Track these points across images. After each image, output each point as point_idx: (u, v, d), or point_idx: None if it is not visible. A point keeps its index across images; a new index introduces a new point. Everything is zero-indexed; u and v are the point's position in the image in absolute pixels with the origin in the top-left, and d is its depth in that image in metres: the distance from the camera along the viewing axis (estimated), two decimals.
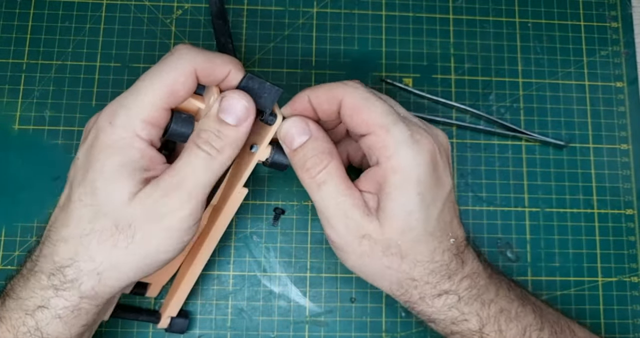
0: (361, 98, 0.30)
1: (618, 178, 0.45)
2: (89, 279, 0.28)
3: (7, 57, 0.44)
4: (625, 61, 0.47)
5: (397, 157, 0.29)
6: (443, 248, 0.30)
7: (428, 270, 0.30)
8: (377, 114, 0.29)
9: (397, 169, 0.29)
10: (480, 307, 0.31)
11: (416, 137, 0.29)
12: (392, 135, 0.29)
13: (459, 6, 0.47)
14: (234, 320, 0.41)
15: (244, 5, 0.46)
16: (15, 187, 0.42)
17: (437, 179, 0.30)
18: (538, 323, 0.32)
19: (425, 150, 0.29)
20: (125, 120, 0.29)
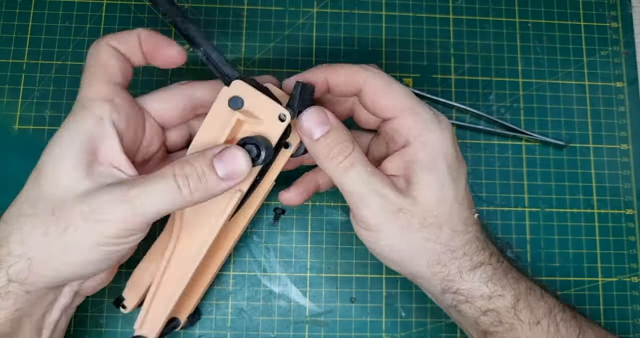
0: (383, 84, 0.31)
1: (618, 178, 0.45)
2: (18, 262, 0.27)
3: (7, 57, 0.44)
4: (625, 61, 0.47)
5: (427, 134, 0.30)
6: (472, 221, 0.32)
7: (464, 240, 0.31)
8: (400, 98, 0.31)
9: (427, 145, 0.30)
10: (514, 281, 0.31)
11: (439, 117, 0.31)
12: (420, 116, 0.31)
13: (459, 6, 0.47)
14: (234, 320, 0.41)
15: (244, 5, 0.46)
16: (15, 187, 0.42)
17: (458, 156, 0.32)
18: (560, 305, 0.32)
19: (448, 128, 0.31)
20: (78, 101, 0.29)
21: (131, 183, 0.27)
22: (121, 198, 0.27)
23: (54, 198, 0.27)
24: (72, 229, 0.27)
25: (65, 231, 0.27)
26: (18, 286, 0.27)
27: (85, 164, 0.28)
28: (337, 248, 0.42)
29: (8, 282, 0.27)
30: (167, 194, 0.27)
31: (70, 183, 0.27)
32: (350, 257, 0.42)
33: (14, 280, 0.27)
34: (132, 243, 0.29)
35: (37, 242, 0.27)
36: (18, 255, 0.27)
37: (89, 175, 0.28)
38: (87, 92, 0.29)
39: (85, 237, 0.27)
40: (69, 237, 0.27)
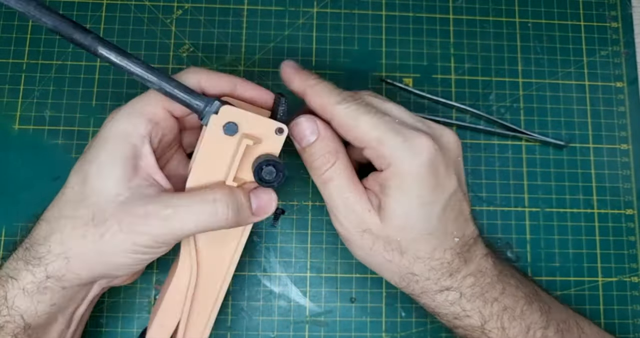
0: (348, 118, 0.31)
1: (618, 178, 0.45)
2: (56, 260, 0.29)
3: (7, 57, 0.44)
4: (625, 61, 0.47)
5: (394, 164, 0.30)
6: (445, 247, 0.31)
7: (428, 266, 0.31)
8: (365, 130, 0.30)
9: (396, 174, 0.30)
10: (482, 304, 0.32)
11: (411, 143, 0.30)
12: (385, 146, 0.30)
13: (459, 6, 0.47)
14: (234, 320, 0.41)
15: (244, 5, 0.46)
16: (15, 187, 0.42)
17: (436, 181, 0.30)
18: (543, 321, 0.32)
19: (422, 154, 0.30)
20: (126, 114, 0.30)
21: (168, 201, 0.29)
22: (157, 215, 0.29)
23: (96, 205, 0.29)
24: (109, 236, 0.28)
25: (102, 237, 0.29)
26: (55, 282, 0.29)
27: (128, 177, 0.29)
28: (337, 248, 0.42)
29: (46, 278, 0.29)
30: (203, 217, 0.29)
31: (112, 193, 0.29)
32: (350, 257, 0.42)
33: (51, 276, 0.29)
34: (161, 253, 0.31)
35: (75, 244, 0.29)
36: (57, 254, 0.29)
37: (130, 187, 0.29)
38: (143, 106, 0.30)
39: (119, 244, 0.29)
40: (105, 243, 0.29)
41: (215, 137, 0.30)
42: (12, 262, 0.30)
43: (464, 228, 0.32)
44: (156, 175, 0.31)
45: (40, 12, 0.26)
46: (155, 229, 0.28)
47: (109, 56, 0.28)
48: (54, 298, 0.30)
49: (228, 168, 0.31)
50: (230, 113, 0.30)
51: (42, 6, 0.25)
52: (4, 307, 0.29)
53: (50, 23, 0.26)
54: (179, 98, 0.29)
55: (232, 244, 0.33)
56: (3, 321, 0.29)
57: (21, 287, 0.29)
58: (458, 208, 0.31)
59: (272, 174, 0.30)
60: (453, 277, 0.31)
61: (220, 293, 0.34)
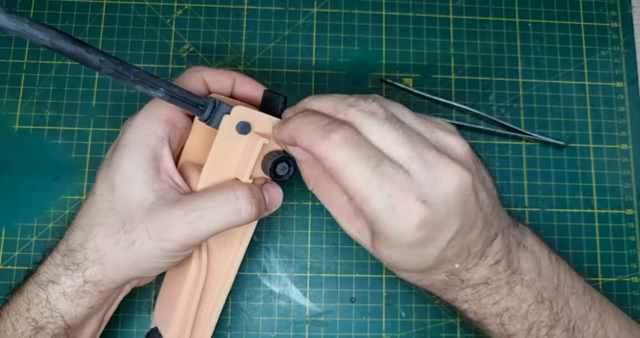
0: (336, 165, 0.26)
1: (618, 178, 0.45)
2: (92, 266, 0.30)
3: (8, 57, 0.44)
4: (625, 61, 0.47)
5: (378, 226, 0.27)
6: (441, 271, 0.30)
7: (419, 284, 0.32)
8: (351, 184, 0.26)
9: (380, 233, 0.28)
10: (478, 307, 0.31)
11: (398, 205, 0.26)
12: (369, 209, 0.26)
13: (459, 6, 0.47)
14: (234, 319, 0.41)
15: (244, 5, 0.46)
16: (15, 187, 0.42)
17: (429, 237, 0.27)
18: (551, 320, 0.31)
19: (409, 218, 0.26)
20: (143, 119, 0.31)
21: (191, 204, 0.29)
22: (182, 220, 0.29)
23: (125, 212, 0.30)
24: (139, 243, 0.29)
25: (133, 244, 0.29)
26: (92, 286, 0.30)
27: (152, 180, 0.30)
28: (337, 249, 0.42)
29: (84, 283, 0.30)
30: (228, 216, 0.30)
31: (139, 198, 0.30)
32: (350, 257, 0.42)
33: (89, 281, 0.30)
34: (188, 254, 0.31)
35: (109, 250, 0.30)
36: (93, 260, 0.30)
37: (153, 190, 0.30)
38: (159, 110, 0.31)
39: (149, 250, 0.29)
40: (136, 249, 0.29)
41: (228, 136, 0.31)
42: (52, 267, 0.31)
43: (467, 253, 0.29)
44: (175, 177, 0.31)
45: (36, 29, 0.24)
46: (182, 235, 0.29)
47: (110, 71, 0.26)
48: (91, 302, 0.31)
49: (239, 166, 0.32)
50: (243, 113, 0.31)
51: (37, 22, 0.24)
52: (46, 309, 0.30)
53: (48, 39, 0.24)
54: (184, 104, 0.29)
55: (236, 243, 0.34)
56: (45, 322, 0.30)
57: (62, 291, 0.30)
58: (460, 244, 0.28)
59: (285, 170, 0.32)
60: (446, 290, 0.31)
61: (224, 287, 0.34)
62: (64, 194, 0.42)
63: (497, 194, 0.31)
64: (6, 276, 0.41)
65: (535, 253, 0.32)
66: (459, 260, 0.29)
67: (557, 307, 0.32)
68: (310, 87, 0.45)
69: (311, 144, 0.27)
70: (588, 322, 0.32)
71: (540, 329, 0.31)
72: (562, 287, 0.32)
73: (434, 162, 0.26)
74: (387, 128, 0.27)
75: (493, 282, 0.30)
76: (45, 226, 0.41)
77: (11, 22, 0.23)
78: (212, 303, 0.34)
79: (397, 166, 0.26)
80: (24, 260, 0.41)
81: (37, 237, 0.41)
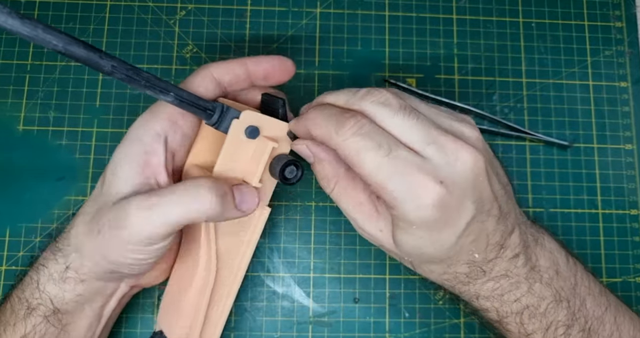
0: (351, 153, 0.28)
1: (622, 178, 0.45)
2: (73, 253, 0.31)
3: (12, 58, 0.44)
4: (630, 61, 0.46)
5: (397, 209, 0.28)
6: (462, 262, 0.30)
7: (441, 278, 0.32)
8: (367, 171, 0.27)
9: (400, 219, 0.28)
10: (500, 304, 0.31)
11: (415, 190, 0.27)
12: (386, 194, 0.27)
13: (462, 6, 0.47)
14: (238, 320, 0.41)
15: (247, 6, 0.46)
16: (19, 187, 0.42)
17: (447, 220, 0.28)
18: (568, 319, 0.32)
19: (426, 198, 0.27)
20: (145, 115, 0.31)
21: (151, 193, 0.29)
22: (136, 206, 0.28)
23: (102, 203, 0.30)
24: (102, 234, 0.29)
25: (98, 234, 0.29)
26: (74, 273, 0.31)
27: (134, 174, 0.30)
28: (341, 249, 0.42)
29: (66, 269, 0.31)
30: (185, 203, 0.28)
31: (115, 190, 0.30)
32: (353, 258, 0.42)
33: (70, 267, 0.31)
34: (159, 251, 0.30)
35: (82, 239, 0.30)
36: (74, 247, 0.31)
37: (132, 184, 0.30)
38: (162, 107, 0.31)
39: (110, 242, 0.29)
40: (100, 239, 0.29)
41: (237, 140, 0.31)
42: (45, 252, 0.32)
43: (485, 243, 0.30)
44: (159, 175, 0.31)
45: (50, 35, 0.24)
46: (137, 223, 0.28)
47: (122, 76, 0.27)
48: (77, 289, 0.31)
49: (248, 170, 0.32)
50: (252, 117, 0.31)
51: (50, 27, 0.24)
52: (36, 291, 0.31)
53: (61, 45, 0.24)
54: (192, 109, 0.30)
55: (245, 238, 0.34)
56: (36, 303, 0.31)
57: (49, 274, 0.31)
58: (478, 231, 0.29)
59: (294, 172, 0.32)
60: (469, 284, 0.31)
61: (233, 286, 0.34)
62: (68, 195, 0.42)
63: (512, 191, 0.31)
64: (10, 276, 0.41)
65: (552, 252, 0.32)
66: (478, 249, 0.29)
67: (575, 307, 0.32)
68: (314, 87, 0.45)
69: (325, 135, 0.28)
70: (604, 324, 0.32)
71: (558, 328, 0.31)
72: (579, 287, 0.33)
73: (448, 145, 0.27)
74: (401, 116, 0.28)
75: (513, 276, 0.31)
76: (49, 227, 0.42)
77: (25, 27, 0.23)
78: (222, 301, 0.34)
79: (412, 151, 0.27)
80: (28, 261, 0.41)
81: (41, 238, 0.41)
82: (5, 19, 0.23)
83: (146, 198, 0.28)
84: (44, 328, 0.31)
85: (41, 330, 0.31)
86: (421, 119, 0.28)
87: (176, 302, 0.34)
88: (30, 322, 0.31)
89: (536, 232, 0.32)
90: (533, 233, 0.32)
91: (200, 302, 0.33)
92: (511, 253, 0.30)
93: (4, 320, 0.32)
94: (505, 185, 0.31)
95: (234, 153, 0.32)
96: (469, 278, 0.31)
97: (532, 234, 0.32)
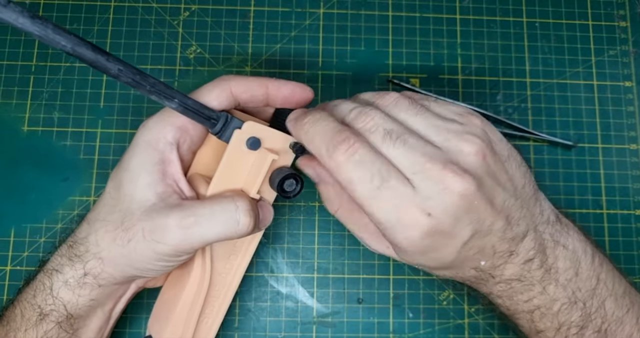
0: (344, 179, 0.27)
1: (627, 178, 0.44)
2: (92, 259, 0.31)
3: (17, 59, 0.44)
4: (634, 60, 0.46)
5: (388, 237, 0.28)
6: (469, 268, 0.30)
7: (455, 278, 0.32)
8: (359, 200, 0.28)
9: (394, 245, 0.29)
10: (510, 303, 0.32)
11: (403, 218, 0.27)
12: (377, 223, 0.28)
13: (465, 6, 0.47)
14: (242, 320, 0.41)
15: (251, 7, 0.46)
16: (24, 188, 0.42)
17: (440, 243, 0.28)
18: (582, 321, 0.31)
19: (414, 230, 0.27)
20: (155, 122, 0.31)
21: (189, 210, 0.29)
22: (176, 224, 0.29)
23: (126, 211, 0.30)
24: (134, 243, 0.29)
25: (129, 242, 0.30)
26: (92, 279, 0.31)
27: (156, 183, 0.30)
28: (344, 249, 0.42)
29: (84, 275, 0.31)
30: (224, 225, 0.29)
31: (141, 198, 0.30)
32: (357, 258, 0.42)
33: (89, 273, 0.31)
34: (184, 260, 0.31)
35: (107, 246, 0.30)
36: (93, 254, 0.31)
37: (156, 193, 0.30)
38: (173, 114, 0.31)
39: (142, 250, 0.30)
40: (131, 248, 0.30)
41: (238, 151, 0.31)
42: (58, 257, 0.32)
43: (491, 252, 0.29)
44: (180, 182, 0.31)
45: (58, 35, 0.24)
46: (175, 239, 0.29)
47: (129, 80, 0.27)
48: (92, 294, 0.31)
49: (247, 181, 0.32)
50: (254, 128, 0.31)
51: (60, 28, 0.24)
52: (49, 297, 0.31)
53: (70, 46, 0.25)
54: (196, 117, 0.30)
55: (241, 250, 0.34)
56: (49, 309, 0.31)
57: (64, 280, 0.31)
58: (480, 244, 0.28)
59: (293, 186, 0.32)
60: (479, 284, 0.31)
61: (226, 298, 0.34)
62: (73, 195, 0.42)
63: (532, 190, 0.31)
64: (15, 277, 0.41)
65: (576, 252, 0.31)
66: (485, 258, 0.29)
67: (591, 308, 0.31)
68: (317, 88, 0.45)
69: (318, 154, 0.28)
70: (623, 325, 0.32)
71: (570, 328, 0.31)
72: (600, 288, 0.32)
73: (437, 176, 0.27)
74: (387, 143, 0.28)
75: (526, 279, 0.30)
76: (54, 227, 0.42)
77: (35, 26, 0.24)
78: (213, 314, 0.34)
79: (403, 179, 0.27)
80: (32, 261, 0.41)
81: (45, 238, 0.41)
82: (16, 17, 0.23)
83: (185, 216, 0.29)
84: (55, 334, 0.31)
85: (52, 336, 0.31)
86: (412, 145, 0.27)
87: (167, 309, 0.34)
88: (42, 328, 0.31)
89: (559, 232, 0.31)
90: (553, 234, 0.31)
91: (190, 313, 0.33)
92: (523, 258, 0.30)
93: (14, 326, 0.31)
94: (521, 187, 0.30)
95: (234, 163, 0.32)
96: (479, 281, 0.31)
97: (553, 234, 0.31)
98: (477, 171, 0.27)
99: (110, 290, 0.32)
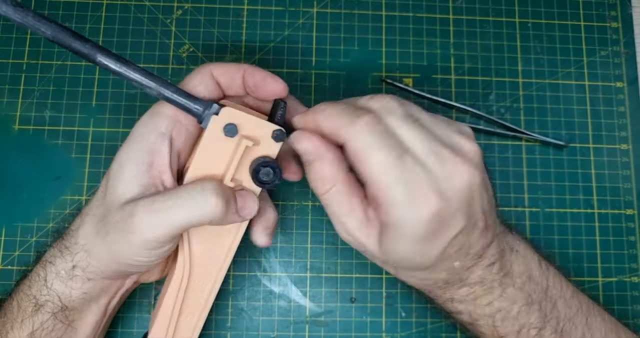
0: (363, 147, 0.27)
1: (618, 178, 0.45)
2: (80, 251, 0.31)
3: (7, 57, 0.44)
4: (625, 61, 0.47)
5: (392, 215, 0.27)
6: (442, 269, 0.30)
7: (420, 283, 0.32)
8: (374, 169, 0.27)
9: (392, 225, 0.28)
10: (473, 307, 0.32)
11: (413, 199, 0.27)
12: (387, 197, 0.27)
13: (459, 6, 0.47)
14: (234, 320, 0.41)
15: (244, 5, 0.46)
16: (15, 187, 0.42)
17: (437, 231, 0.28)
18: (540, 322, 0.32)
19: (425, 208, 0.27)
20: (148, 114, 0.31)
21: (157, 196, 0.29)
22: (144, 210, 0.29)
23: (108, 204, 0.30)
24: (110, 237, 0.30)
25: (107, 235, 0.30)
26: (81, 272, 0.31)
27: (141, 174, 0.30)
28: (337, 248, 0.42)
29: (73, 267, 0.31)
30: (192, 206, 0.29)
31: (123, 191, 0.30)
32: (350, 257, 0.42)
33: (77, 266, 0.31)
34: (165, 253, 0.30)
35: (91, 239, 0.31)
36: (80, 246, 0.31)
37: (140, 185, 0.30)
38: (166, 105, 0.31)
39: (118, 245, 0.29)
40: (110, 241, 0.30)
41: (215, 138, 0.31)
42: (52, 249, 0.32)
43: (466, 253, 0.30)
44: (164, 174, 0.31)
45: (39, 22, 0.26)
46: (144, 226, 0.28)
47: (107, 64, 0.28)
48: (83, 287, 0.31)
49: (225, 169, 0.31)
50: (231, 114, 0.30)
51: (40, 16, 0.26)
52: (44, 287, 0.31)
53: (50, 32, 0.26)
54: (177, 102, 0.30)
55: (226, 244, 0.33)
56: (44, 300, 0.31)
57: (56, 271, 0.31)
58: (462, 241, 0.29)
59: (270, 175, 0.31)
60: (446, 288, 0.32)
61: (211, 294, 0.34)
62: (64, 194, 0.42)
63: (495, 203, 0.32)
64: (6, 276, 0.41)
65: (526, 258, 0.33)
66: (459, 258, 0.30)
67: (546, 309, 0.33)
68: (310, 87, 0.45)
69: (337, 127, 0.28)
70: (575, 325, 0.33)
71: (530, 330, 0.32)
72: (550, 290, 0.34)
73: (449, 159, 0.27)
74: (407, 124, 0.28)
75: (487, 282, 0.32)
76: (45, 226, 0.41)
77: (17, 14, 0.26)
78: (197, 314, 0.34)
79: (417, 159, 0.27)
80: (23, 261, 0.41)
81: (37, 237, 0.41)
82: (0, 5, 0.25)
83: (151, 202, 0.29)
84: (51, 325, 0.31)
85: (49, 326, 0.31)
86: (424, 129, 0.28)
87: (158, 305, 0.34)
88: (38, 319, 0.31)
89: (512, 241, 0.33)
90: (509, 242, 0.33)
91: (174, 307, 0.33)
92: (487, 261, 0.31)
93: (11, 317, 0.32)
94: (491, 197, 0.31)
95: (211, 150, 0.31)
96: (447, 284, 0.31)
97: (508, 243, 0.33)
98: (478, 164, 0.28)
99: (102, 285, 0.32)
